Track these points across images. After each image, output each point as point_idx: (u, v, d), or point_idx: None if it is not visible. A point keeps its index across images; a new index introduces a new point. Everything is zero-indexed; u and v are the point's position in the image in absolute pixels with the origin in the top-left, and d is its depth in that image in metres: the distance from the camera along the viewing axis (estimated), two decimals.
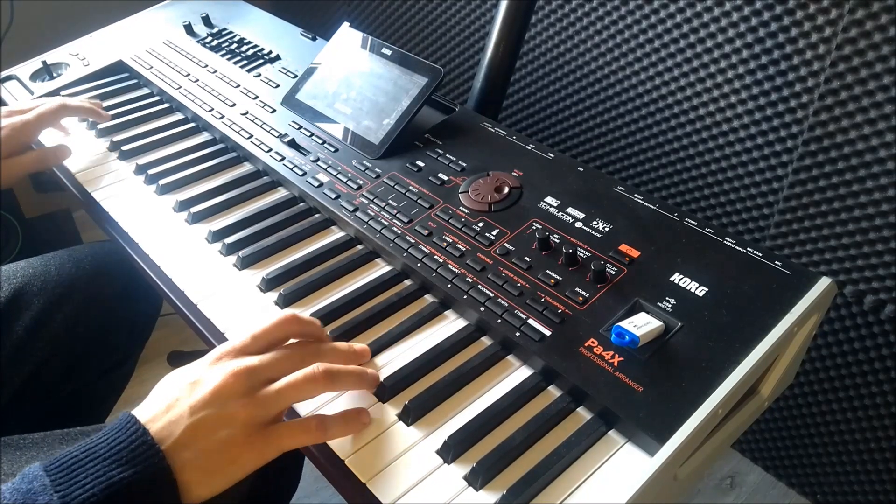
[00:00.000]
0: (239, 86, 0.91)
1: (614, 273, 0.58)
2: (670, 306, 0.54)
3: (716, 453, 0.53)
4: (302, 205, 0.74)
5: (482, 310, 0.57)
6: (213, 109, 0.87)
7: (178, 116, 0.91)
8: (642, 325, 0.52)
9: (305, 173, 0.74)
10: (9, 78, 1.00)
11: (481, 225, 0.64)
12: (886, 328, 0.92)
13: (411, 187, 0.70)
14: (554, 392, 0.53)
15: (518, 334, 0.55)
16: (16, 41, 1.37)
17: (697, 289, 0.55)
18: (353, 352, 0.55)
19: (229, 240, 0.69)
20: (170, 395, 0.46)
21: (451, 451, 0.48)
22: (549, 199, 0.66)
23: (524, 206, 0.66)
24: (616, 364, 0.51)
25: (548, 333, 0.54)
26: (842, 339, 0.98)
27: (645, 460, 0.48)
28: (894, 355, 0.93)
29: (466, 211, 0.66)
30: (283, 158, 0.77)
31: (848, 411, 1.02)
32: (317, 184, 0.73)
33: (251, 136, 0.81)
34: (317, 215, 0.73)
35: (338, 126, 0.79)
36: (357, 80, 0.81)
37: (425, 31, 1.43)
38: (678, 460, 0.47)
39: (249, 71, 0.93)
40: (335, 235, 0.70)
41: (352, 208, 0.69)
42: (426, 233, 0.65)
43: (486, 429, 0.50)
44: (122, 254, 0.73)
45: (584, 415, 0.51)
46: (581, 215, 0.64)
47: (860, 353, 0.96)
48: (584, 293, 0.56)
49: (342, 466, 0.49)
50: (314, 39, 0.96)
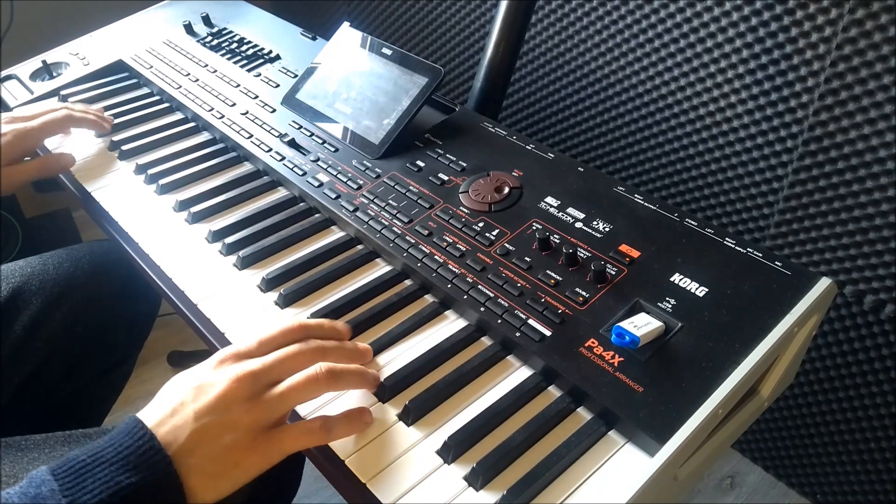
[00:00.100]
0: (239, 85, 0.91)
1: (614, 273, 0.58)
2: (670, 306, 0.54)
3: (716, 453, 0.53)
4: (302, 205, 0.74)
5: (482, 310, 0.57)
6: (213, 109, 0.87)
7: (178, 116, 0.91)
8: (642, 325, 0.52)
9: (305, 173, 0.74)
10: (9, 77, 1.00)
11: (481, 225, 0.64)
12: (886, 328, 0.92)
13: (411, 187, 0.70)
14: (554, 392, 0.53)
15: (518, 334, 0.55)
16: (16, 41, 1.37)
17: (697, 289, 0.55)
18: (356, 350, 0.55)
19: (229, 239, 0.69)
20: (175, 399, 0.46)
21: (452, 451, 0.48)
22: (549, 199, 0.66)
23: (524, 206, 0.66)
24: (616, 364, 0.51)
25: (548, 334, 0.54)
26: (842, 339, 0.98)
27: (645, 460, 0.48)
28: (894, 355, 0.93)
29: (466, 211, 0.66)
30: (283, 158, 0.77)
31: (848, 411, 1.02)
32: (317, 184, 0.73)
33: (251, 135, 0.81)
34: (317, 215, 0.73)
35: (338, 126, 0.79)
36: (357, 79, 0.81)
37: (425, 31, 1.43)
38: (678, 460, 0.47)
39: (249, 71, 0.93)
40: (335, 235, 0.70)
41: (352, 208, 0.69)
42: (426, 233, 0.65)
43: (486, 429, 0.50)
44: (121, 253, 0.73)
45: (584, 415, 0.51)
46: (581, 215, 0.64)
47: (860, 353, 0.96)
48: (584, 293, 0.56)
49: (342, 466, 0.49)
50: (314, 39, 0.96)
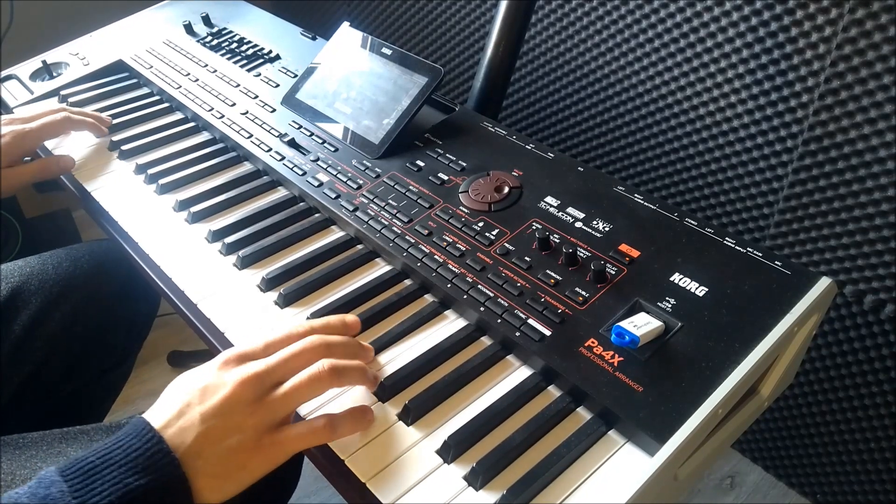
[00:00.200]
0: (239, 85, 0.91)
1: (614, 273, 0.58)
2: (670, 306, 0.54)
3: (716, 453, 0.53)
4: (302, 204, 0.74)
5: (482, 310, 0.57)
6: (213, 109, 0.87)
7: (178, 116, 0.91)
8: (642, 325, 0.52)
9: (305, 173, 0.74)
10: (9, 77, 1.00)
11: (481, 225, 0.64)
12: (886, 328, 0.92)
13: (411, 187, 0.70)
14: (554, 392, 0.53)
15: (518, 334, 0.55)
16: (16, 41, 1.37)
17: (697, 289, 0.55)
18: (359, 346, 0.55)
19: (229, 239, 0.69)
20: (181, 401, 0.46)
21: (451, 450, 0.48)
22: (549, 199, 0.66)
23: (524, 205, 0.66)
24: (616, 364, 0.51)
25: (548, 333, 0.54)
26: (842, 339, 0.98)
27: (645, 460, 0.48)
28: (894, 355, 0.93)
29: (466, 211, 0.66)
30: (283, 158, 0.77)
31: (848, 411, 1.02)
32: (317, 183, 0.73)
33: (251, 135, 0.81)
34: (317, 215, 0.73)
35: (338, 126, 0.79)
36: (357, 79, 0.81)
37: (425, 31, 1.43)
38: (678, 460, 0.47)
39: (249, 70, 0.93)
40: (335, 235, 0.70)
41: (352, 208, 0.69)
42: (426, 232, 0.64)
43: (486, 429, 0.50)
44: (120, 252, 0.73)
45: (584, 415, 0.51)
46: (581, 215, 0.64)
47: (860, 353, 0.96)
48: (584, 293, 0.56)
49: (342, 466, 0.49)
50: (314, 39, 0.96)
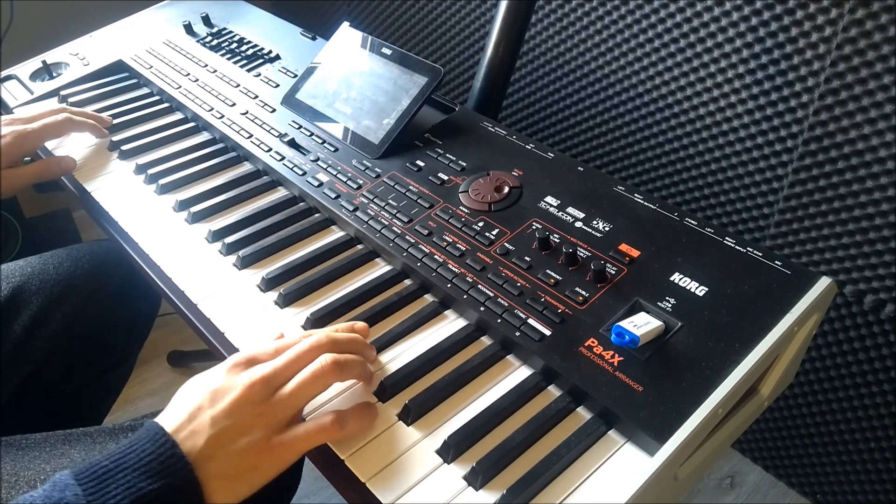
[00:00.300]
0: (239, 85, 0.91)
1: (614, 273, 0.58)
2: (670, 306, 0.54)
3: (716, 453, 0.53)
4: (302, 204, 0.74)
5: (482, 309, 0.57)
6: (212, 109, 0.87)
7: (178, 116, 0.91)
8: (642, 324, 0.52)
9: (305, 173, 0.74)
10: (9, 78, 1.00)
11: (481, 224, 0.64)
12: (886, 328, 0.92)
13: (411, 187, 0.70)
14: (554, 392, 0.53)
15: (518, 334, 0.55)
16: (16, 41, 1.37)
17: (697, 289, 0.55)
18: (364, 345, 0.55)
19: (229, 239, 0.69)
20: (191, 404, 0.46)
21: (451, 450, 0.48)
22: (549, 199, 0.66)
23: (524, 205, 0.66)
24: (616, 364, 0.51)
25: (548, 333, 0.54)
26: (842, 339, 0.98)
27: (645, 460, 0.48)
28: (894, 355, 0.93)
29: (466, 211, 0.66)
30: (283, 158, 0.77)
31: (848, 411, 1.02)
32: (317, 183, 0.73)
33: (251, 135, 0.81)
34: (317, 215, 0.73)
35: (338, 126, 0.79)
36: (357, 79, 0.81)
37: (425, 31, 1.43)
38: (678, 460, 0.47)
39: (249, 71, 0.93)
40: (335, 235, 0.70)
41: (352, 208, 0.69)
42: (426, 232, 0.65)
43: (486, 429, 0.50)
44: (121, 252, 0.73)
45: (584, 415, 0.51)
46: (581, 215, 0.64)
47: (860, 353, 0.96)
48: (584, 293, 0.56)
49: (342, 466, 0.49)
50: (314, 39, 0.96)
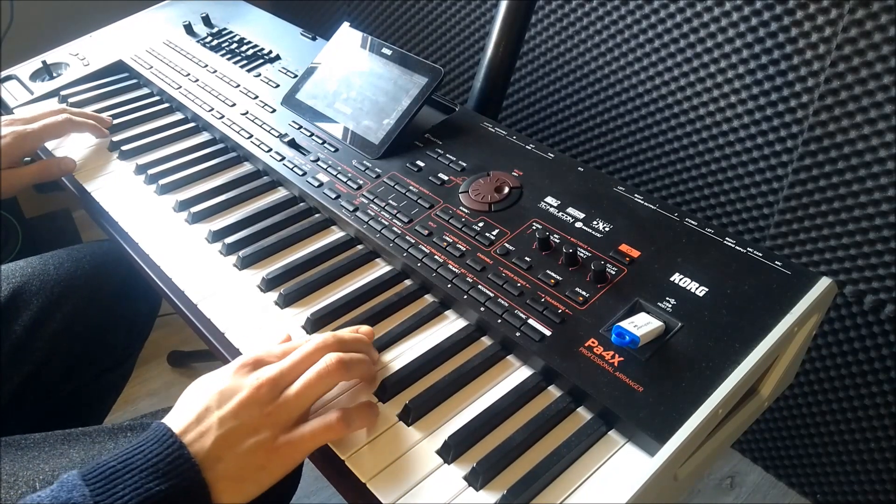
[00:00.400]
0: (239, 86, 0.91)
1: (614, 273, 0.58)
2: (670, 306, 0.54)
3: (716, 453, 0.53)
4: (302, 205, 0.74)
5: (482, 310, 0.57)
6: (213, 109, 0.87)
7: (178, 116, 0.91)
8: (642, 325, 0.52)
9: (305, 173, 0.74)
10: (9, 78, 1.00)
11: (481, 225, 0.64)
12: (886, 328, 0.92)
13: (411, 187, 0.70)
14: (554, 392, 0.53)
15: (518, 334, 0.55)
16: (16, 41, 1.37)
17: (697, 289, 0.55)
18: (369, 346, 0.55)
19: (229, 240, 0.69)
20: (199, 405, 0.46)
21: (452, 451, 0.48)
22: (549, 199, 0.66)
23: (524, 206, 0.66)
24: (616, 364, 0.51)
25: (548, 333, 0.54)
26: (842, 339, 0.98)
27: (645, 460, 0.48)
28: (894, 355, 0.93)
29: (466, 211, 0.66)
30: (283, 158, 0.77)
31: (848, 411, 1.02)
32: (317, 184, 0.73)
33: (251, 135, 0.81)
34: (317, 215, 0.73)
35: (338, 126, 0.79)
36: (357, 79, 0.81)
37: (425, 31, 1.43)
38: (678, 460, 0.47)
39: (249, 71, 0.93)
40: (335, 235, 0.70)
41: (352, 208, 0.69)
42: (426, 233, 0.65)
43: (486, 429, 0.50)
44: (121, 253, 0.73)
45: (584, 415, 0.51)
46: (581, 215, 0.64)
47: (860, 353, 0.96)
48: (584, 293, 0.56)
49: (342, 466, 0.49)
50: (314, 39, 0.96)
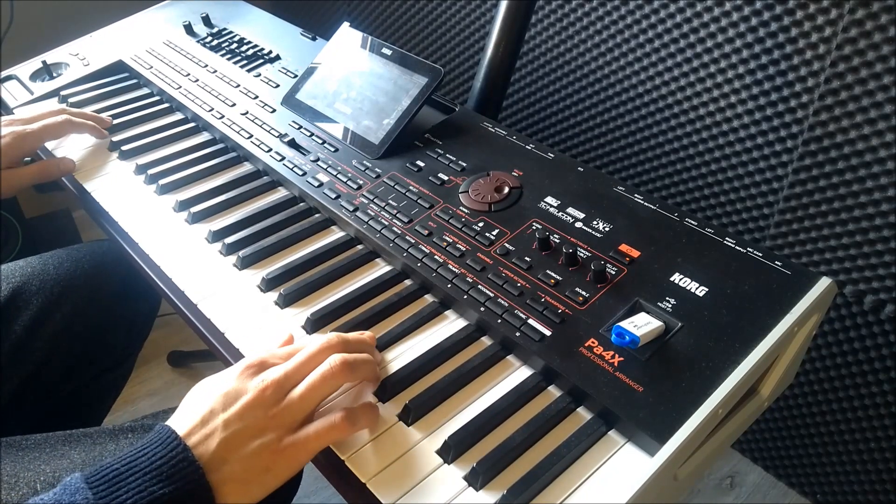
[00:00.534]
0: (239, 86, 0.91)
1: (614, 273, 0.58)
2: (670, 306, 0.54)
3: (716, 453, 0.53)
4: (302, 205, 0.74)
5: (482, 310, 0.57)
6: (213, 109, 0.87)
7: (178, 116, 0.91)
8: (642, 325, 0.52)
9: (305, 173, 0.74)
10: (9, 78, 1.00)
11: (481, 225, 0.64)
12: (886, 328, 0.92)
13: (411, 187, 0.70)
14: (554, 392, 0.53)
15: (518, 334, 0.55)
16: (16, 41, 1.37)
17: (697, 289, 0.55)
18: (372, 348, 0.55)
19: (229, 240, 0.69)
20: (204, 408, 0.46)
21: (452, 451, 0.48)
22: (549, 199, 0.66)
23: (524, 206, 0.66)
24: (616, 364, 0.51)
25: (548, 333, 0.54)
26: (842, 339, 0.98)
27: (645, 460, 0.48)
28: (894, 355, 0.93)
29: (466, 211, 0.66)
30: (283, 158, 0.77)
31: (848, 411, 1.02)
32: (317, 184, 0.73)
33: (251, 135, 0.81)
34: (317, 215, 0.73)
35: (338, 126, 0.79)
36: (357, 79, 0.81)
37: (425, 31, 1.43)
38: (678, 460, 0.47)
39: (249, 71, 0.93)
40: (335, 235, 0.70)
41: (352, 208, 0.69)
42: (426, 233, 0.65)
43: (486, 429, 0.50)
44: (121, 253, 0.73)
45: (584, 415, 0.51)
46: (581, 215, 0.64)
47: (860, 353, 0.96)
48: (584, 293, 0.56)
49: (342, 466, 0.49)
50: (314, 39, 0.96)
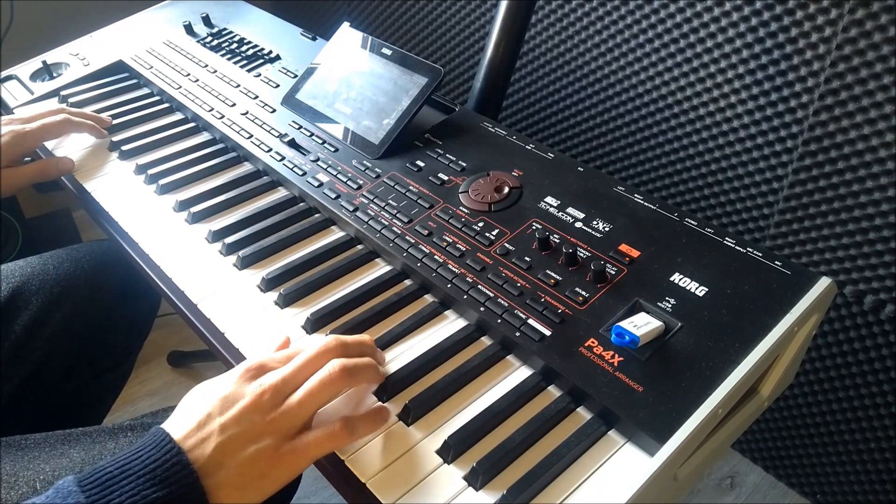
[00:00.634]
0: (239, 86, 0.91)
1: (614, 273, 0.58)
2: (670, 306, 0.54)
3: (716, 453, 0.53)
4: (302, 205, 0.74)
5: (482, 310, 0.57)
6: (213, 109, 0.87)
7: (178, 116, 0.91)
8: (642, 325, 0.52)
9: (305, 173, 0.74)
10: (9, 78, 1.00)
11: (481, 225, 0.64)
12: (886, 328, 0.92)
13: (411, 187, 0.70)
14: (554, 392, 0.53)
15: (518, 334, 0.55)
16: (16, 41, 1.37)
17: (697, 289, 0.55)
18: (373, 349, 0.55)
19: (229, 239, 0.69)
20: (201, 411, 0.46)
21: (451, 451, 0.48)
22: (549, 199, 0.66)
23: (524, 206, 0.66)
24: (616, 364, 0.51)
25: (548, 333, 0.54)
26: (842, 339, 0.98)
27: (645, 460, 0.48)
28: (894, 355, 0.93)
29: (466, 211, 0.66)
30: (283, 158, 0.77)
31: (848, 411, 1.02)
32: (317, 184, 0.73)
33: (251, 135, 0.81)
34: (317, 215, 0.73)
35: (338, 126, 0.79)
36: (357, 79, 0.81)
37: (425, 31, 1.43)
38: (678, 460, 0.47)
39: (249, 71, 0.93)
40: (335, 235, 0.70)
41: (352, 208, 0.69)
42: (426, 233, 0.65)
43: (486, 429, 0.50)
44: (120, 252, 0.73)
45: (584, 415, 0.51)
46: (581, 215, 0.64)
47: (860, 353, 0.96)
48: (584, 293, 0.56)
49: (342, 466, 0.49)
50: (314, 39, 0.96)
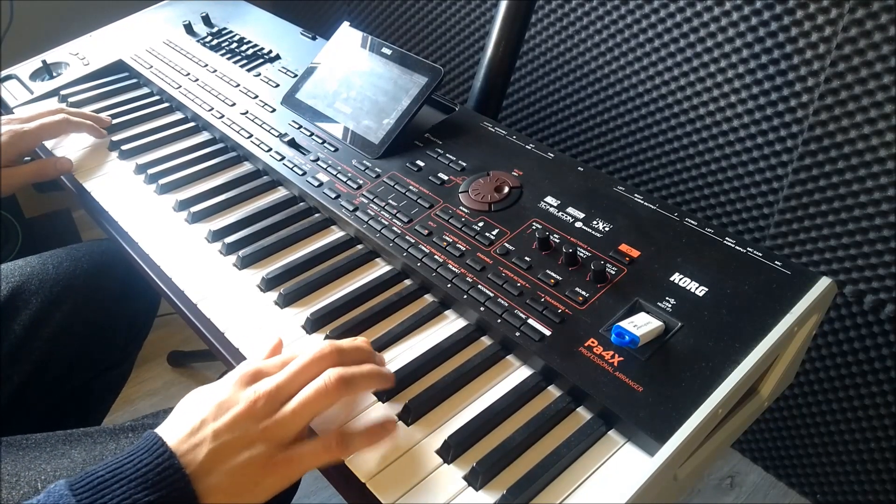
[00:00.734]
0: (239, 85, 0.91)
1: (614, 273, 0.58)
2: (670, 306, 0.54)
3: (716, 453, 0.53)
4: (302, 204, 0.74)
5: (482, 310, 0.57)
6: (212, 109, 0.87)
7: (178, 116, 0.91)
8: (642, 324, 0.52)
9: (305, 173, 0.74)
10: (9, 77, 1.00)
11: (481, 225, 0.64)
12: (886, 328, 0.92)
13: (411, 187, 0.70)
14: (554, 392, 0.53)
15: (518, 334, 0.55)
16: (16, 41, 1.37)
17: (697, 289, 0.55)
18: (371, 354, 0.53)
19: (229, 239, 0.69)
20: (195, 417, 0.46)
21: (451, 450, 0.48)
22: (549, 199, 0.66)
23: (524, 205, 0.66)
24: (616, 364, 0.51)
25: (548, 333, 0.54)
26: (842, 339, 0.98)
27: (645, 460, 0.48)
28: (894, 355, 0.93)
29: (466, 211, 0.66)
30: (283, 158, 0.77)
31: (848, 411, 1.02)
32: (317, 183, 0.73)
33: (251, 135, 0.81)
34: (317, 215, 0.73)
35: (338, 125, 0.79)
36: (357, 79, 0.81)
37: (425, 31, 1.43)
38: (678, 460, 0.47)
39: (249, 70, 0.93)
40: (335, 235, 0.70)
41: (352, 208, 0.69)
42: (426, 232, 0.65)
43: (486, 429, 0.50)
44: (120, 252, 0.73)
45: (584, 415, 0.51)
46: (581, 215, 0.64)
47: (860, 353, 0.96)
48: (584, 293, 0.56)
49: (342, 466, 0.49)
50: (314, 39, 0.96)
